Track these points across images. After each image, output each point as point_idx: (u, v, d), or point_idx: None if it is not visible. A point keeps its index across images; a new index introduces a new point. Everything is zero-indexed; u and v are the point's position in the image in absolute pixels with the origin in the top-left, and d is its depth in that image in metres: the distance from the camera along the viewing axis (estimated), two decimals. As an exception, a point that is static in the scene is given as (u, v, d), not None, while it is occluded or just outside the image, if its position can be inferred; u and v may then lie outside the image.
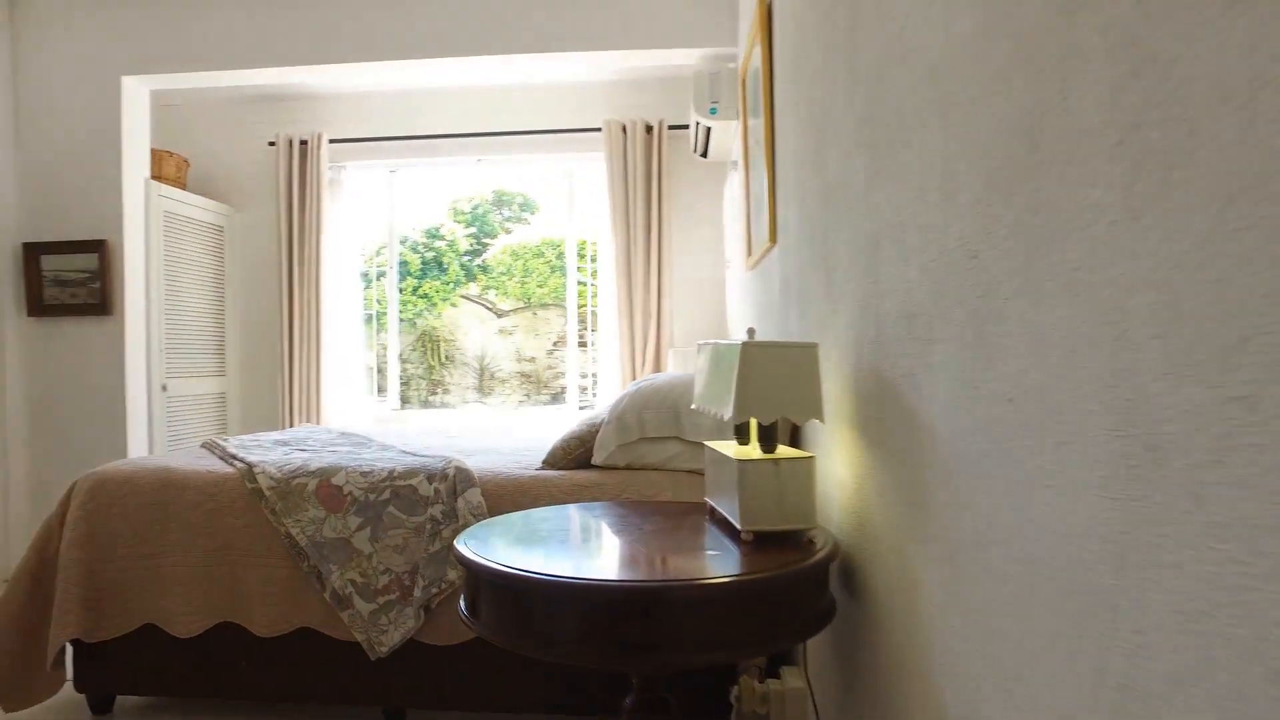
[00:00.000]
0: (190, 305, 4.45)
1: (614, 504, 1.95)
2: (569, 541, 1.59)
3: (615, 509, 1.87)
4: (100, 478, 2.47)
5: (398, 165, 4.84)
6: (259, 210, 4.82)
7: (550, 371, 6.80)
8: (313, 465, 2.42)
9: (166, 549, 2.36)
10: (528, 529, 1.64)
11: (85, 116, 3.98)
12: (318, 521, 2.29)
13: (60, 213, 4.02)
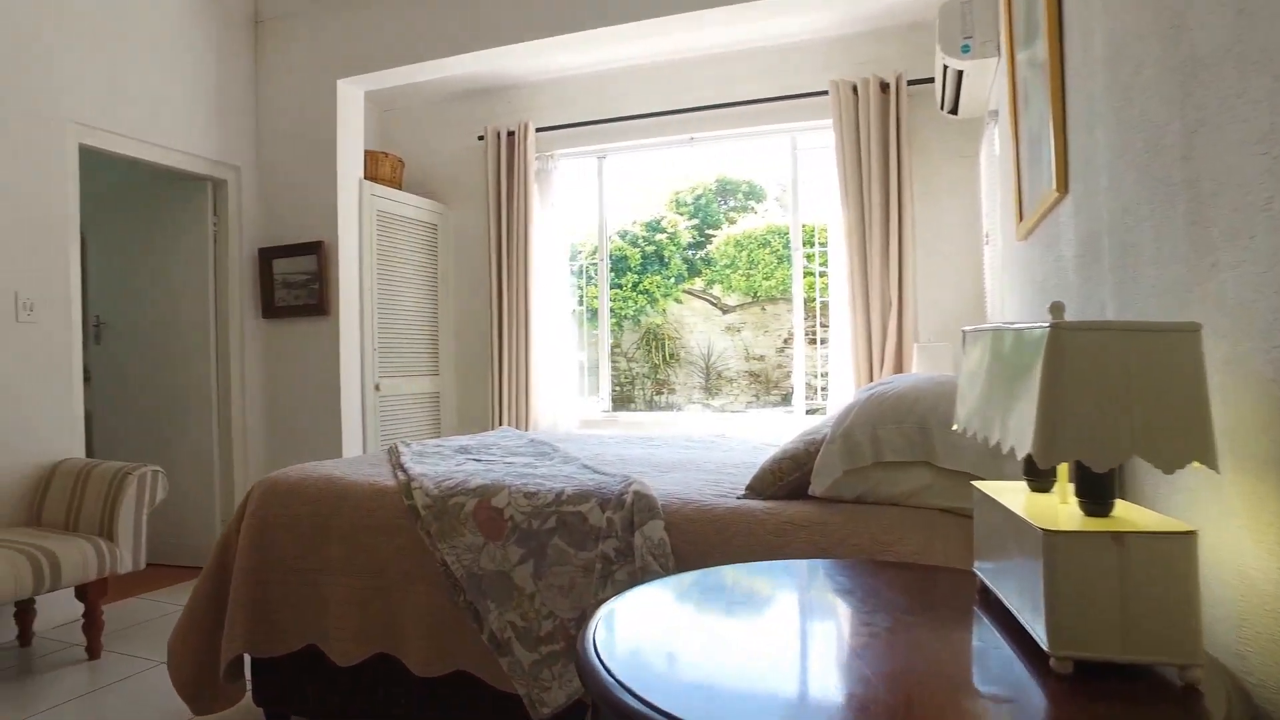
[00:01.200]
0: (403, 304, 4.43)
1: (833, 566, 1.38)
2: (756, 653, 1.05)
3: (834, 576, 1.30)
4: (270, 484, 2.30)
5: (606, 150, 4.52)
6: (470, 206, 4.73)
7: (780, 371, 6.23)
8: (473, 482, 2.07)
9: (327, 566, 2.13)
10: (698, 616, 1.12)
11: (306, 123, 4.06)
12: (475, 549, 1.94)
13: (287, 217, 4.13)
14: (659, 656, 1.01)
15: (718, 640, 1.06)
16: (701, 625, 1.15)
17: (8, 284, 3.10)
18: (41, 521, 3.06)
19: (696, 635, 1.10)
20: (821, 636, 1.09)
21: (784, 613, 1.23)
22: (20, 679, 2.69)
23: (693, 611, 1.20)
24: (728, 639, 1.06)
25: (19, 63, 3.15)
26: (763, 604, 1.23)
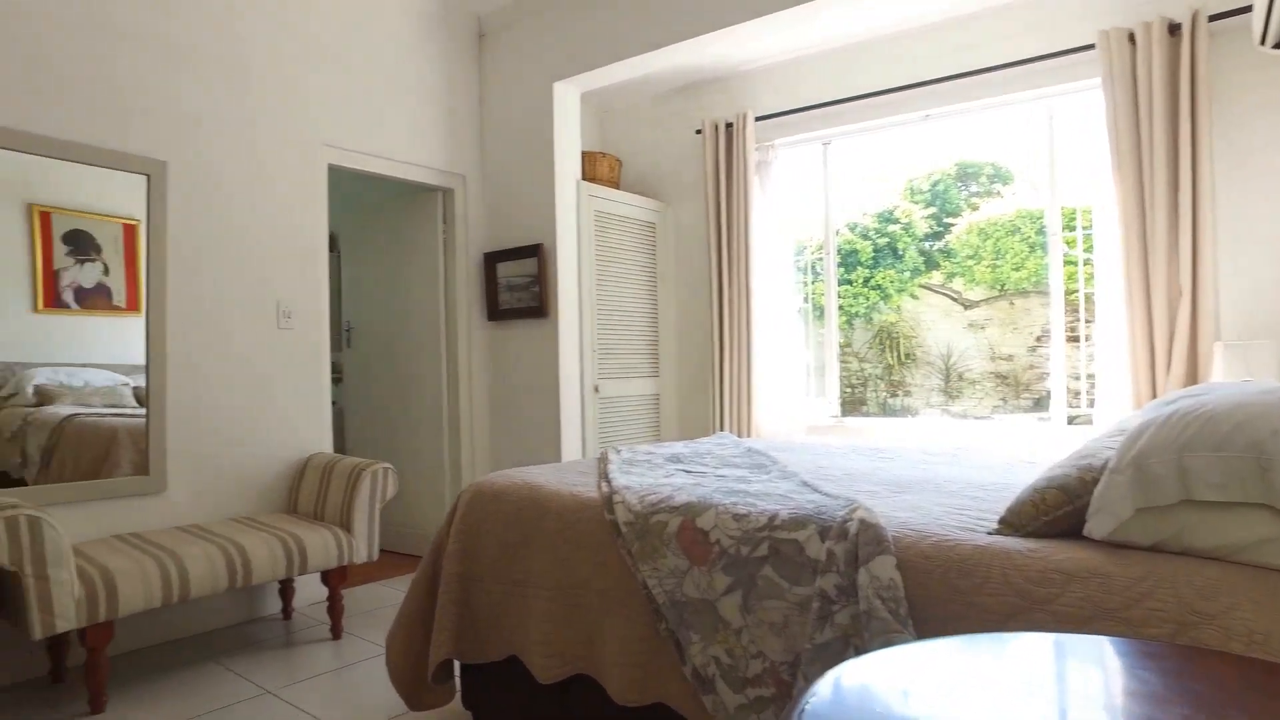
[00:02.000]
0: (622, 305, 4.39)
1: (1127, 648, 1.03)
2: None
3: (1135, 668, 0.96)
4: (478, 489, 2.28)
5: (831, 135, 4.19)
6: (688, 203, 4.60)
7: (1032, 372, 5.52)
8: (679, 499, 1.89)
9: (529, 577, 2.06)
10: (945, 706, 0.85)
11: (526, 128, 4.13)
12: (678, 574, 1.76)
13: (509, 221, 4.23)
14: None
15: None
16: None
17: (270, 294, 3.41)
18: (296, 510, 3.33)
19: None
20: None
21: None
22: (284, 649, 2.92)
23: (939, 697, 0.93)
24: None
25: (282, 94, 3.45)
26: (1031, 696, 0.93)
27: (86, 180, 2.88)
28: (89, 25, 2.90)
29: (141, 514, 3.00)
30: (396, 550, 4.45)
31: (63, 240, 2.83)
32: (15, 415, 2.73)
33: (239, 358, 3.30)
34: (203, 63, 3.20)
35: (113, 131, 2.94)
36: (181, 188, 3.13)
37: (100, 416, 2.92)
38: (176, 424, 3.10)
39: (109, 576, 2.41)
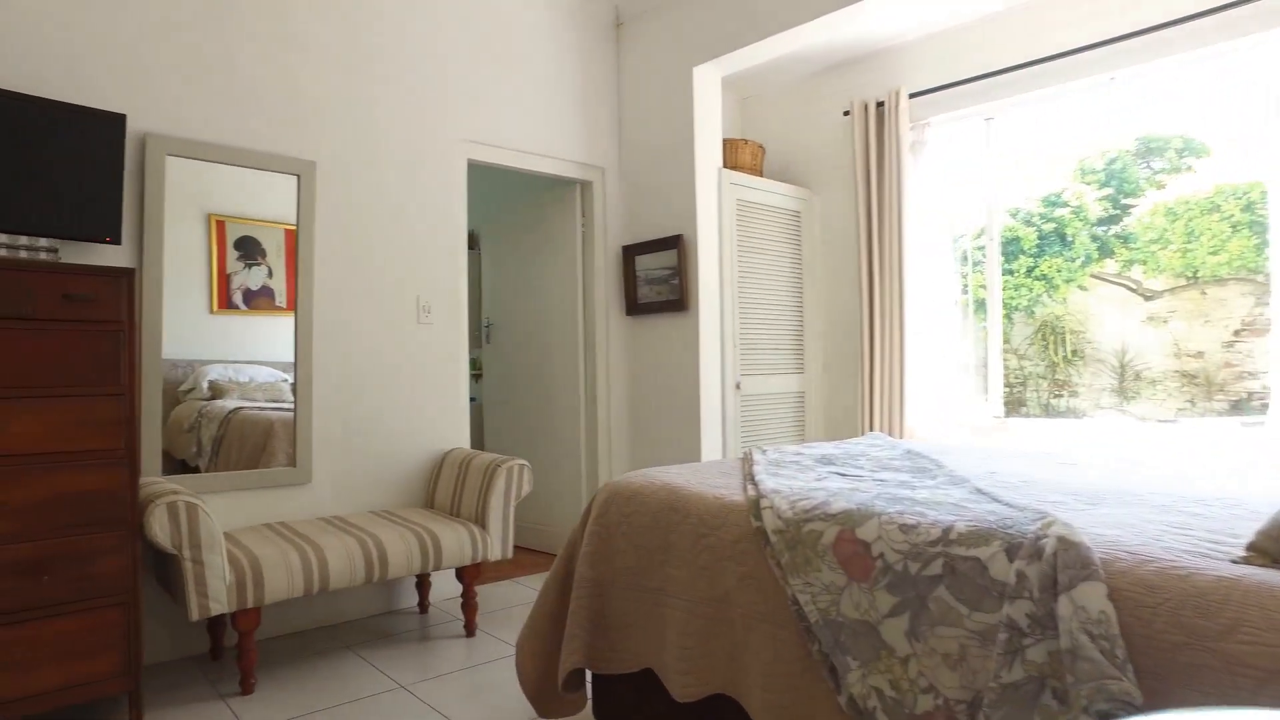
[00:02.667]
0: (765, 298, 4.17)
1: None
2: None
3: None
4: (613, 490, 2.15)
5: (994, 109, 3.80)
6: (836, 189, 4.32)
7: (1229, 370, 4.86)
8: (835, 505, 1.67)
9: (667, 586, 1.90)
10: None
11: (664, 116, 3.99)
12: (834, 590, 1.54)
13: (648, 213, 4.11)
14: None
15: None
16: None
17: (411, 290, 3.43)
18: (434, 505, 3.33)
19: None
20: None
21: None
22: (419, 643, 2.92)
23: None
24: None
25: (422, 91, 3.48)
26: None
27: (252, 188, 3.00)
28: (241, 33, 3.00)
29: (289, 504, 3.08)
30: (532, 548, 4.43)
31: (234, 246, 2.97)
32: (192, 408, 2.87)
33: (380, 354, 3.34)
34: (344, 63, 3.26)
35: (268, 135, 3.04)
36: (328, 187, 3.20)
37: (261, 410, 3.03)
38: (321, 418, 3.17)
39: (256, 564, 2.46)
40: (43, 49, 2.58)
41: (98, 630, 2.20)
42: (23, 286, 2.12)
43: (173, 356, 2.84)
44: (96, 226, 2.51)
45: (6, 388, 2.10)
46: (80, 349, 2.20)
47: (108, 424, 2.23)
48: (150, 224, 2.75)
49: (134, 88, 2.75)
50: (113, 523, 2.23)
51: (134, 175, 2.74)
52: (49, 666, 2.13)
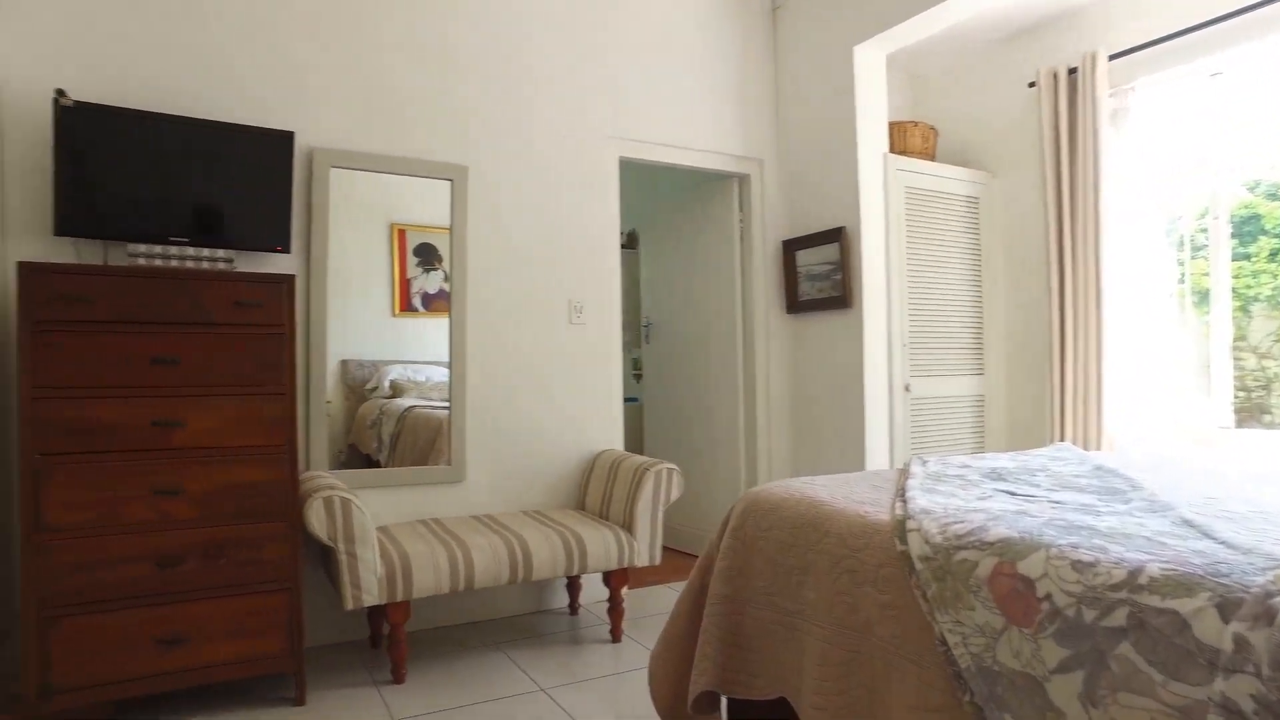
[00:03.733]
0: (938, 292, 3.82)
1: None
2: None
3: None
4: (752, 500, 2.00)
5: (1222, 62, 3.24)
6: (1020, 171, 3.89)
7: None
8: (994, 531, 1.43)
9: (804, 608, 1.73)
10: None
11: (825, 102, 3.75)
12: (989, 632, 1.32)
13: (808, 205, 3.89)
14: None
15: None
16: None
17: (562, 290, 3.44)
18: (584, 507, 3.31)
19: None
20: None
21: None
22: (565, 646, 2.91)
23: None
24: None
25: (570, 89, 3.48)
26: None
27: (427, 196, 3.14)
28: (395, 45, 3.12)
29: (445, 501, 3.17)
30: (687, 552, 4.34)
31: (414, 252, 3.11)
32: (375, 406, 3.04)
33: (532, 354, 3.37)
34: (494, 67, 3.31)
35: (423, 142, 3.15)
36: (480, 190, 3.26)
37: (434, 409, 3.15)
38: (475, 417, 3.24)
39: (406, 560, 2.53)
40: (217, 76, 2.80)
41: (265, 612, 2.34)
42: (201, 294, 2.29)
43: (358, 357, 3.01)
44: (268, 237, 2.69)
45: (190, 387, 2.28)
46: (248, 351, 2.35)
47: (272, 421, 2.37)
48: (316, 233, 2.92)
49: (299, 105, 2.93)
50: (277, 513, 2.37)
51: (302, 187, 2.92)
52: (225, 641, 2.29)
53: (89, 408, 2.16)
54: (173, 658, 2.24)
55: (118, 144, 2.49)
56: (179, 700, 2.43)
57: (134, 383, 2.22)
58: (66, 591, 2.13)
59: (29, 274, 2.12)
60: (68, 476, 2.14)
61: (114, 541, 2.18)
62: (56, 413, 2.13)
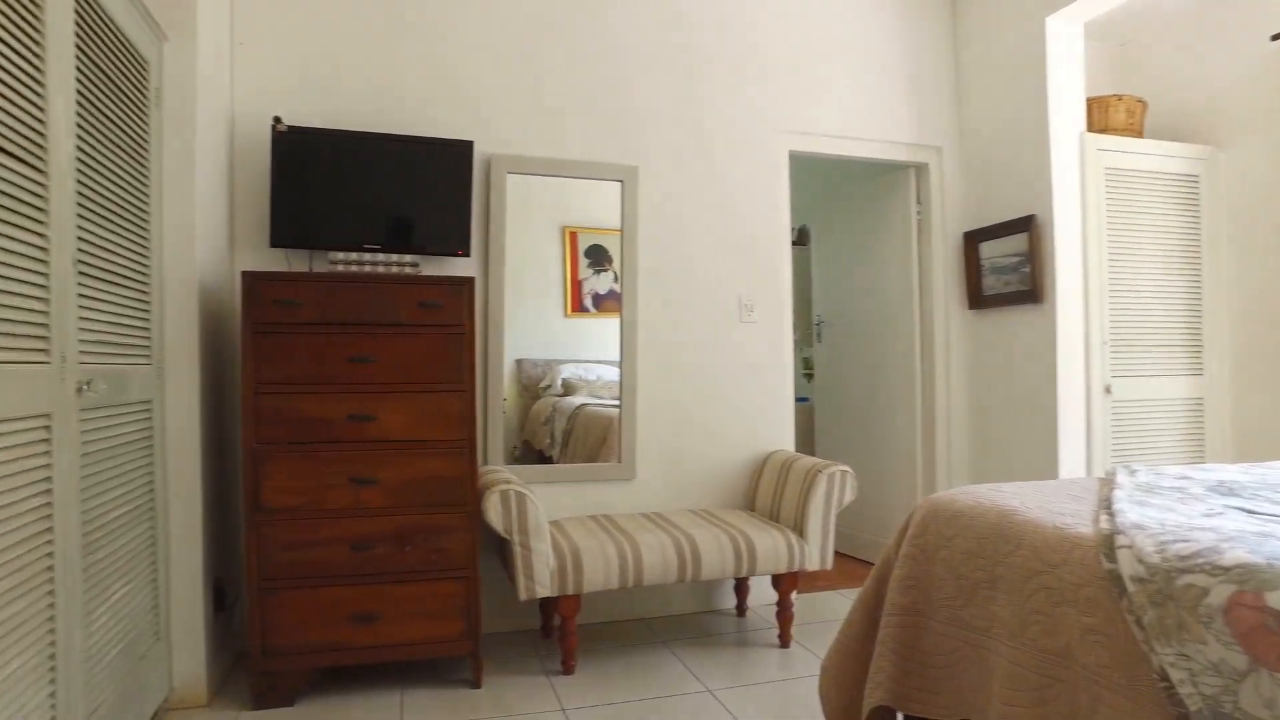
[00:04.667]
0: (1147, 284, 3.44)
1: None
2: None
3: None
4: (933, 506, 1.87)
5: None
6: (1251, 143, 3.43)
7: None
8: (1230, 554, 1.25)
9: (992, 626, 1.59)
10: None
11: (1012, 80, 3.48)
12: (1227, 672, 1.15)
13: (993, 193, 3.62)
14: None
15: None
16: None
17: (732, 289, 3.40)
18: (754, 508, 3.26)
19: None
20: None
21: None
22: (732, 648, 2.87)
23: None
24: None
25: (744, 84, 3.43)
26: None
27: (597, 199, 3.22)
28: (566, 51, 3.20)
29: (614, 498, 3.22)
30: (859, 558, 4.17)
31: (585, 254, 3.21)
32: (548, 403, 3.16)
33: (701, 353, 3.35)
34: (663, 65, 3.32)
35: (594, 145, 3.21)
36: (649, 189, 3.29)
37: (603, 406, 3.22)
38: (645, 416, 3.27)
39: (577, 554, 2.58)
40: (401, 93, 2.99)
41: (445, 598, 2.47)
42: (391, 297, 2.45)
43: (532, 356, 3.13)
44: (450, 242, 2.84)
45: (383, 383, 2.44)
46: (432, 350, 2.49)
47: (453, 417, 2.50)
48: (494, 237, 3.06)
49: (477, 115, 3.07)
50: (457, 505, 2.49)
51: (480, 193, 3.06)
52: (410, 622, 2.44)
53: (297, 401, 2.38)
54: (365, 633, 2.41)
55: (321, 162, 2.72)
56: (371, 673, 2.62)
57: (334, 379, 2.41)
58: (280, 566, 2.35)
59: (250, 282, 2.35)
60: (281, 464, 2.36)
61: (318, 524, 2.38)
62: (272, 405, 2.36)
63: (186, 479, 2.37)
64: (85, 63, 1.77)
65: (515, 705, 2.39)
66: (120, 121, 2.00)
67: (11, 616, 1.42)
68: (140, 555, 2.12)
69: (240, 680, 2.57)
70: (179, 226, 2.36)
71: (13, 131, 1.44)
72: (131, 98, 2.09)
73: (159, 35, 2.30)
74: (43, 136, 1.55)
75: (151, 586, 2.21)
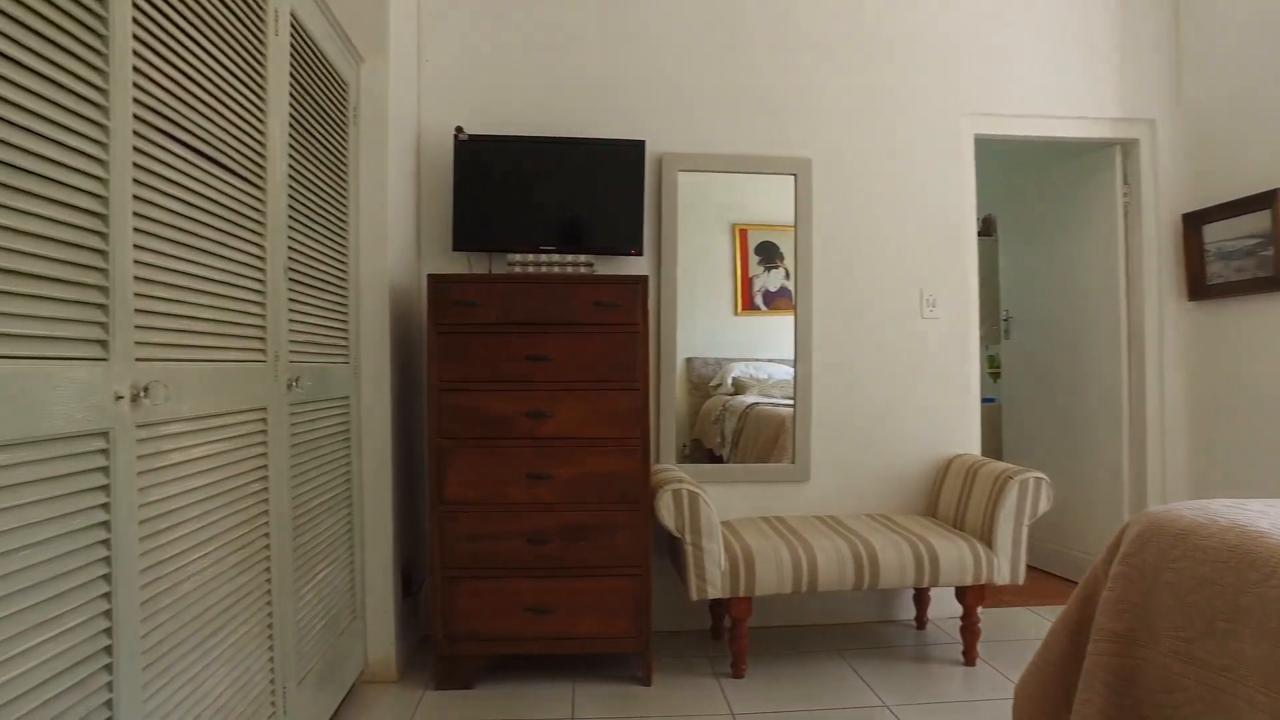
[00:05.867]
0: None
1: None
2: None
3: None
4: (1152, 523, 1.66)
5: None
6: None
7: None
8: None
9: (1237, 666, 1.39)
10: None
11: (1248, 31, 3.05)
12: None
13: (1219, 169, 3.20)
14: None
15: None
16: None
17: (913, 282, 3.22)
18: (936, 514, 3.06)
19: None
20: None
21: None
22: (910, 662, 2.71)
23: None
24: None
25: (924, 67, 3.23)
26: None
27: (768, 195, 3.16)
28: (740, 44, 3.14)
29: (786, 500, 3.13)
30: (1051, 572, 3.82)
31: (755, 251, 3.16)
32: (718, 402, 3.14)
33: (880, 350, 3.20)
34: (839, 53, 3.19)
35: (766, 139, 3.14)
36: (823, 182, 3.17)
37: (775, 406, 3.16)
38: (820, 416, 3.16)
39: (750, 556, 2.53)
40: (572, 96, 3.05)
41: (616, 594, 2.50)
42: (567, 297, 2.51)
43: (703, 355, 3.12)
44: (623, 241, 2.87)
45: (559, 381, 2.50)
46: (606, 349, 2.51)
47: (626, 415, 2.52)
48: (666, 235, 3.06)
49: (648, 114, 3.09)
50: (629, 502, 2.51)
51: (652, 192, 3.07)
52: (582, 616, 2.49)
53: (478, 399, 2.48)
54: (539, 625, 2.48)
55: (499, 167, 2.83)
56: (543, 664, 2.70)
57: (513, 377, 2.49)
58: (459, 556, 2.47)
59: (435, 284, 2.48)
60: (462, 459, 2.47)
61: (496, 518, 2.48)
62: (454, 403, 2.47)
63: (379, 471, 2.54)
64: (297, 88, 1.93)
65: (684, 706, 2.37)
66: (324, 139, 2.17)
67: (239, 588, 1.57)
68: (339, 540, 2.29)
69: (424, 662, 2.73)
70: (373, 233, 2.53)
71: (240, 154, 1.59)
72: (334, 117, 2.26)
73: (356, 58, 2.47)
74: (262, 157, 1.70)
75: (349, 569, 2.38)
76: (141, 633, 1.22)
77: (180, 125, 1.36)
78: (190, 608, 1.38)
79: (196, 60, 1.41)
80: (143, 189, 1.24)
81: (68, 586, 1.05)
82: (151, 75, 1.26)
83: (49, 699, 1.01)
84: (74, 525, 1.06)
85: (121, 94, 1.17)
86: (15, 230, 0.96)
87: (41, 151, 1.00)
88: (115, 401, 1.14)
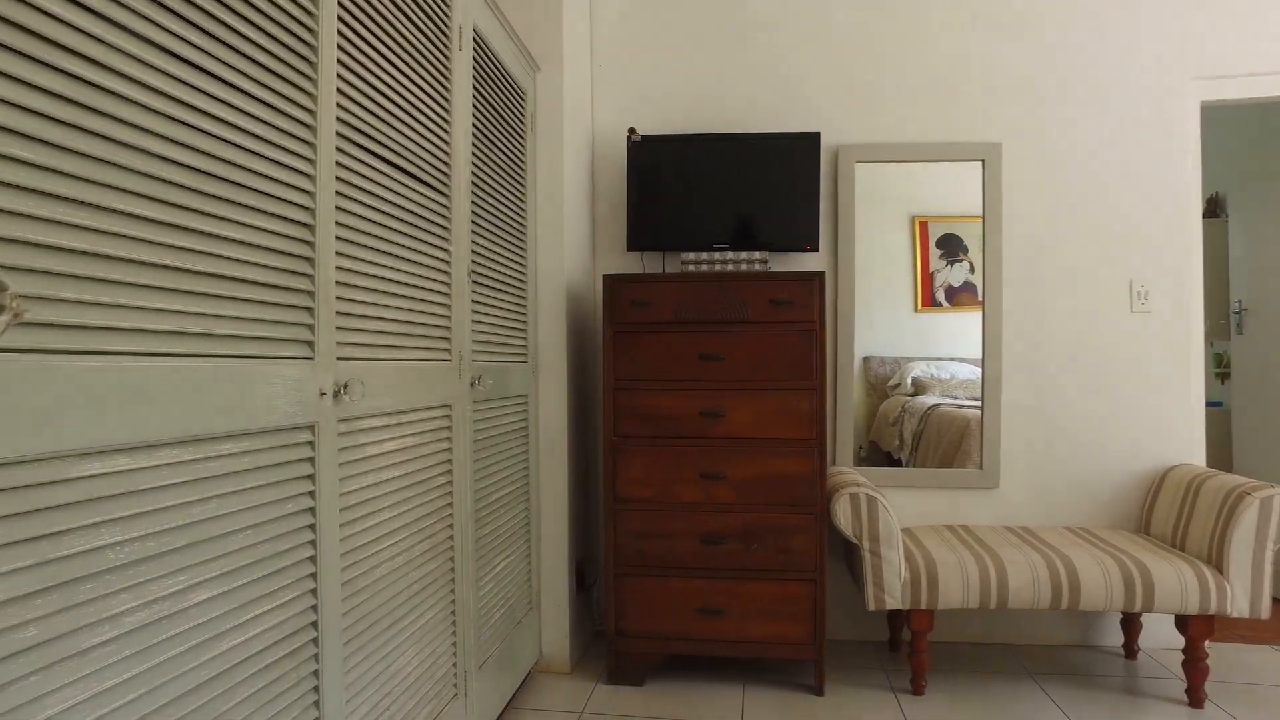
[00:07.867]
0: None
1: None
2: None
3: None
4: None
5: None
6: None
7: None
8: None
9: None
10: None
11: None
12: None
13: None
14: None
15: None
16: None
17: (1123, 271, 2.91)
18: (1148, 531, 2.75)
19: None
20: None
21: None
22: (1117, 694, 2.45)
23: None
24: None
25: (1132, 25, 2.91)
26: None
27: (950, 185, 2.98)
28: (921, 25, 2.96)
29: (973, 507, 2.93)
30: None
31: (936, 244, 3.00)
32: (897, 403, 3.01)
33: (1080, 348, 2.91)
34: (1025, 22, 2.93)
35: (949, 124, 2.95)
36: (1015, 166, 2.93)
37: (959, 408, 2.98)
38: (1011, 419, 2.92)
39: (933, 567, 2.38)
40: (743, 93, 3.00)
41: (790, 599, 2.43)
42: (740, 294, 2.47)
43: (880, 354, 3.00)
44: (798, 237, 2.79)
45: (731, 381, 2.48)
46: (781, 347, 2.46)
47: (802, 415, 2.44)
48: (843, 230, 2.94)
49: (820, 106, 2.98)
50: (804, 505, 2.43)
51: (828, 186, 2.97)
52: (755, 620, 2.45)
53: (651, 398, 2.50)
54: (711, 627, 2.46)
55: (671, 166, 2.84)
56: (714, 666, 2.67)
57: (686, 376, 2.49)
58: (632, 554, 2.50)
59: (610, 284, 2.53)
60: (635, 457, 2.50)
61: (669, 517, 2.48)
62: (628, 401, 2.51)
63: (555, 468, 2.62)
64: (479, 99, 2.03)
65: (859, 719, 2.27)
66: (504, 146, 2.26)
67: (427, 574, 1.67)
68: (517, 533, 2.38)
69: (596, 656, 2.79)
70: (550, 236, 2.62)
71: (427, 163, 1.69)
72: (512, 125, 2.35)
73: (533, 67, 2.56)
74: (447, 165, 1.80)
75: (526, 562, 2.48)
76: (342, 610, 1.32)
77: (375, 139, 1.46)
78: (383, 590, 1.48)
79: (390, 79, 1.51)
80: (343, 200, 1.34)
81: (283, 564, 1.15)
82: (351, 95, 1.36)
83: (270, 663, 1.12)
84: (287, 510, 1.17)
85: (327, 115, 1.27)
86: (241, 242, 1.06)
87: (265, 171, 1.11)
88: (319, 397, 1.24)
